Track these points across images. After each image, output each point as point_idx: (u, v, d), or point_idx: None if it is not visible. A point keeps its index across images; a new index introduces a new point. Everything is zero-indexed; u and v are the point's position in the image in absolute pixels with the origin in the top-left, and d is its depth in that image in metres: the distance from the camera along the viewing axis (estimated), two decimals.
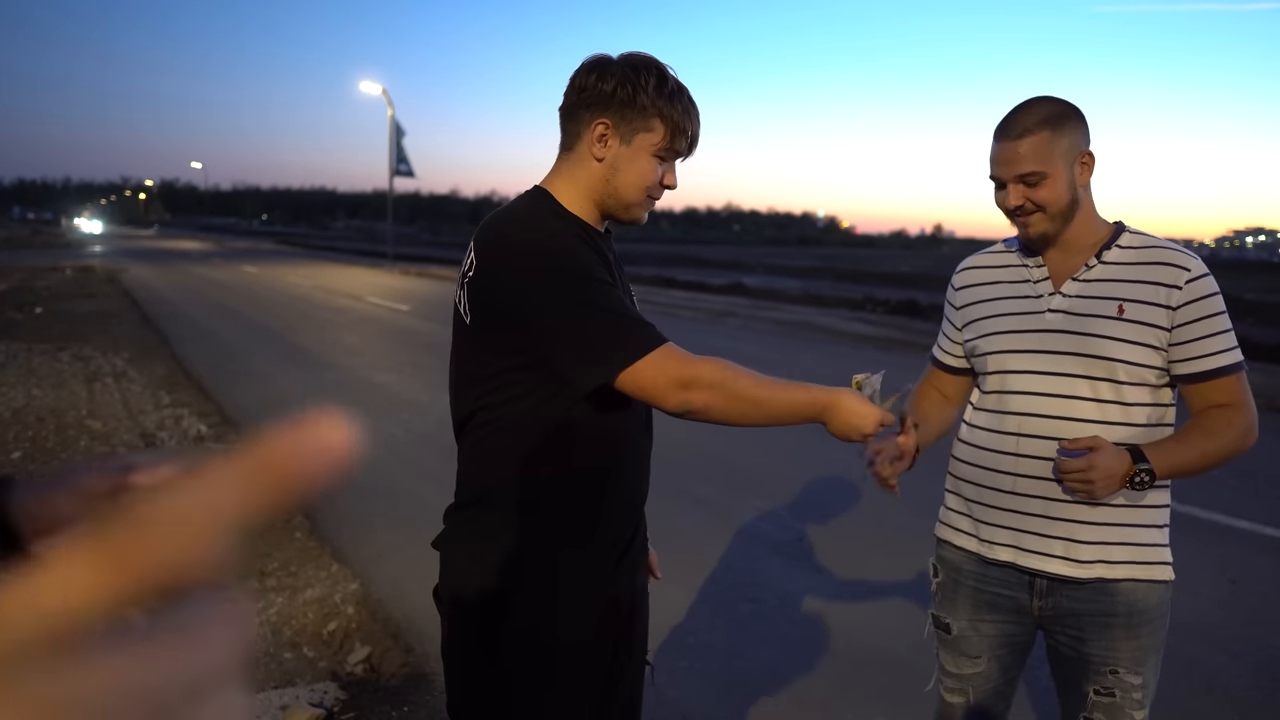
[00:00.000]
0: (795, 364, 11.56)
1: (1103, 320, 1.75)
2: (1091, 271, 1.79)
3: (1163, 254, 1.75)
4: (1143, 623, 1.78)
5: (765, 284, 26.03)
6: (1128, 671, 1.78)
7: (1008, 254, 1.93)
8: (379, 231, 51.48)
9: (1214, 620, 3.90)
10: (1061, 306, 1.79)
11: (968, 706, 1.97)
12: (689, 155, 1.68)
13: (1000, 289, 1.90)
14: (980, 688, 1.95)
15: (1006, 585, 1.87)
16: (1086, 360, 1.75)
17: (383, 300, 17.81)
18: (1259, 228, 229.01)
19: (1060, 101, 1.75)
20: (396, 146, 29.14)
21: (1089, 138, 1.77)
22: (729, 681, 3.29)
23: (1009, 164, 1.74)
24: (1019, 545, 1.83)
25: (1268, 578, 4.42)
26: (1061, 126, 1.72)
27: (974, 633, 1.93)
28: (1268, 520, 5.23)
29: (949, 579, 1.97)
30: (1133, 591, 1.77)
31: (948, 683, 1.99)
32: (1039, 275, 1.84)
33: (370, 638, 3.46)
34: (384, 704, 3.05)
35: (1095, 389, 1.75)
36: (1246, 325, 17.96)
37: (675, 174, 1.67)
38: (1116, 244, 1.79)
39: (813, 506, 5.38)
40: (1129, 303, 1.74)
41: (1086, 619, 1.79)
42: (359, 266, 31.09)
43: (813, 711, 3.10)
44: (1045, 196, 1.73)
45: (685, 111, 1.61)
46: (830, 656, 3.48)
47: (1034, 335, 1.81)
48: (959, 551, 1.95)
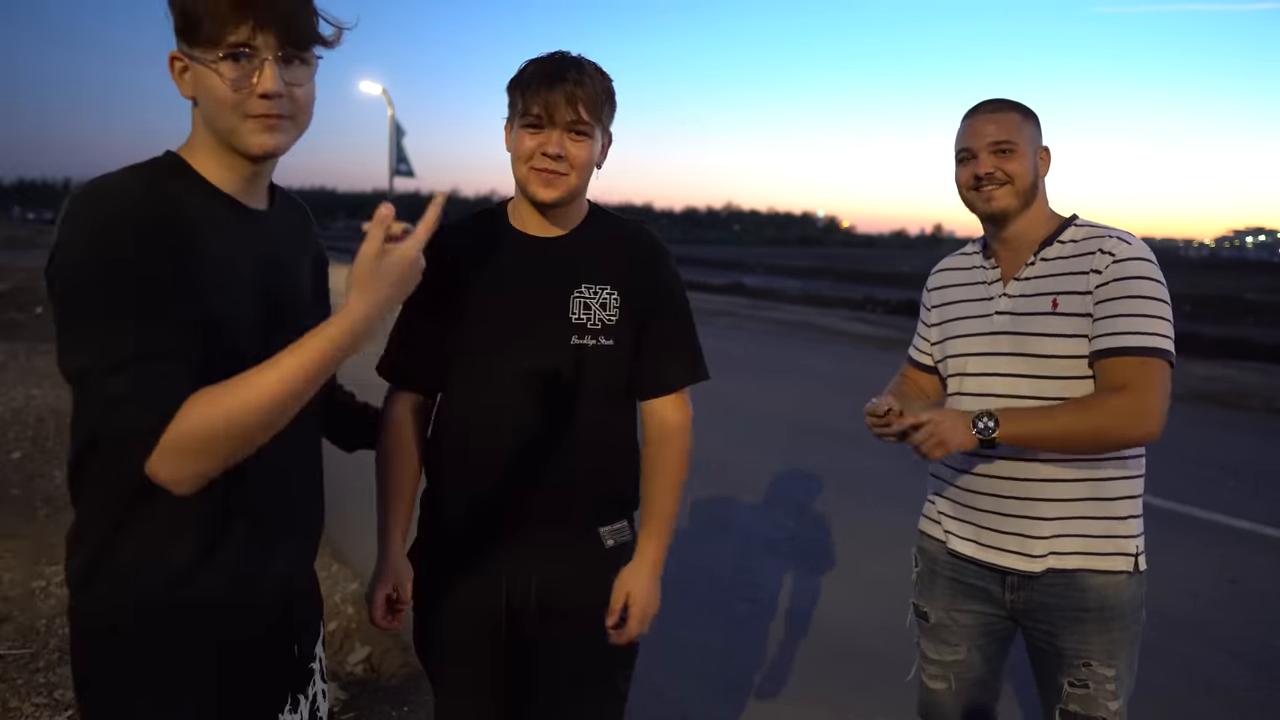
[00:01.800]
0: (795, 364, 11.56)
1: (1039, 318, 1.78)
2: (1032, 269, 1.83)
3: (1097, 242, 1.77)
4: (1114, 616, 1.79)
5: (765, 284, 26.04)
6: (1100, 664, 1.79)
7: (973, 255, 1.98)
8: None
9: (1214, 620, 3.90)
10: (1006, 307, 1.84)
11: (951, 694, 1.99)
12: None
13: (963, 291, 1.95)
14: (962, 676, 1.97)
15: (980, 577, 1.89)
16: (1027, 360, 1.78)
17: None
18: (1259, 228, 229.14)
19: (1026, 104, 1.86)
20: (396, 146, 29.14)
21: (1043, 140, 1.87)
22: (728, 681, 3.29)
23: (981, 135, 1.82)
24: (978, 540, 1.88)
25: (1268, 578, 4.41)
26: (1028, 118, 1.84)
27: (952, 621, 1.96)
28: (1268, 520, 5.22)
29: (927, 568, 2.02)
30: (1103, 586, 1.78)
31: (930, 670, 2.02)
32: (992, 276, 1.89)
33: (370, 638, 3.46)
34: (384, 704, 3.06)
35: (1038, 387, 1.77)
36: (1247, 325, 17.96)
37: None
38: (1058, 239, 1.82)
39: (808, 506, 5.38)
40: (1062, 295, 1.76)
41: (1057, 613, 1.81)
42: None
43: (812, 710, 3.11)
44: (1014, 168, 1.79)
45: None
46: (829, 655, 3.49)
47: (984, 338, 1.86)
48: (934, 542, 2.00)
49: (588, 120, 1.59)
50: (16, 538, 4.33)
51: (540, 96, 1.58)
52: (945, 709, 2.01)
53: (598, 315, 1.67)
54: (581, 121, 1.59)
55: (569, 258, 1.69)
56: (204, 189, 1.22)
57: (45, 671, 3.08)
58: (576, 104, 1.58)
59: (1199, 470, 6.31)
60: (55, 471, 5.44)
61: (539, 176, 1.61)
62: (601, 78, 1.63)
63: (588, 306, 1.67)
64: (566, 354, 1.66)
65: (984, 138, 1.81)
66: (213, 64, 1.15)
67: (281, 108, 1.18)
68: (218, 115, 1.17)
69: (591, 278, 1.68)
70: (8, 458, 5.76)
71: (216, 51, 1.14)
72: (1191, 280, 34.77)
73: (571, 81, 1.58)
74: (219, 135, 1.20)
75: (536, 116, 1.59)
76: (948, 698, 2.00)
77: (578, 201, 1.70)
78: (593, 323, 1.67)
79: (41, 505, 4.84)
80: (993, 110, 1.84)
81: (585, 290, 1.68)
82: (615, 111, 1.69)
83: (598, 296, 1.68)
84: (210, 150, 1.22)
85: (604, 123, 1.64)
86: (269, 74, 1.15)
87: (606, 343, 1.68)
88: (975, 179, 1.82)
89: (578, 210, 1.72)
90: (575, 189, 1.64)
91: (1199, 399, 9.21)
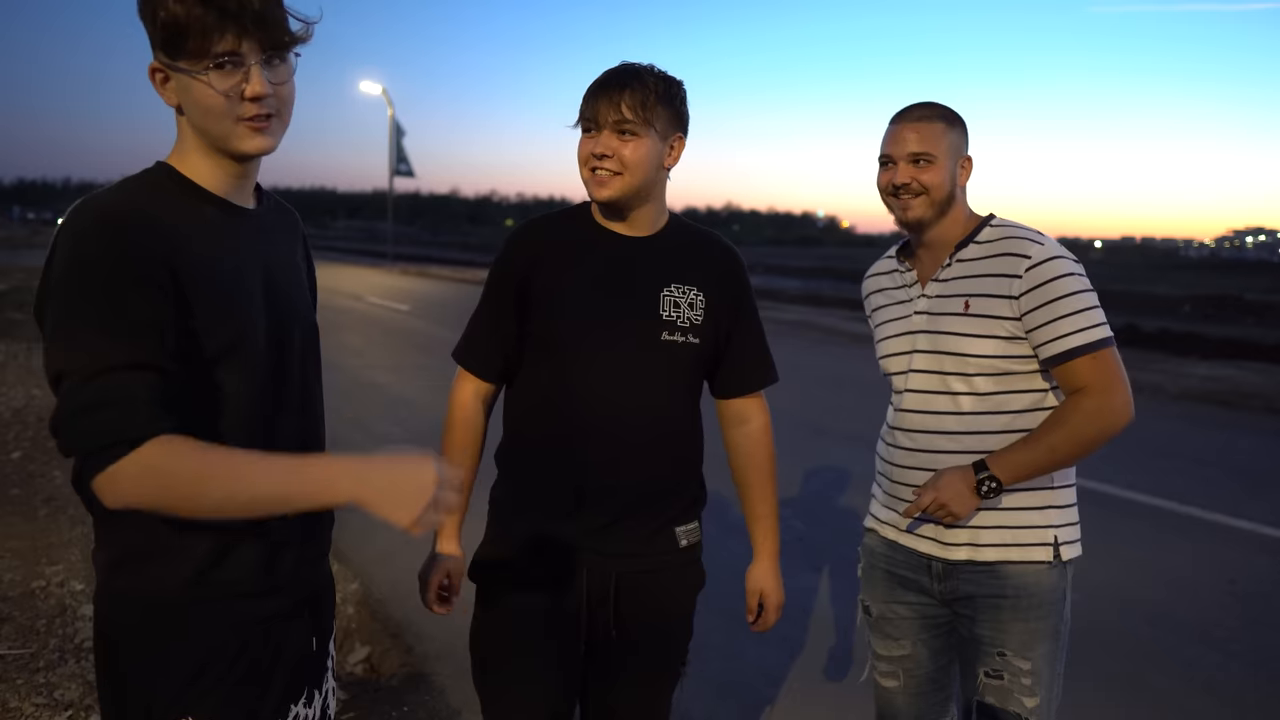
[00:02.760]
0: (795, 364, 11.56)
1: (952, 318, 1.83)
2: (948, 270, 1.87)
3: (1009, 244, 1.81)
4: (1031, 605, 1.81)
5: (765, 284, 26.03)
6: (1015, 655, 1.81)
7: (892, 259, 2.03)
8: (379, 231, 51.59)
9: (1214, 620, 3.90)
10: (924, 308, 1.90)
11: (903, 690, 2.01)
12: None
13: (888, 295, 2.02)
14: (912, 671, 2.00)
15: (910, 567, 1.94)
16: (939, 357, 1.84)
17: (382, 300, 17.81)
18: (1259, 228, 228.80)
19: (951, 108, 1.89)
20: (396, 146, 29.17)
21: (969, 147, 1.90)
22: (729, 682, 3.29)
23: (902, 143, 1.85)
24: (898, 525, 1.95)
25: (1268, 578, 4.42)
26: (953, 124, 1.86)
27: (893, 614, 1.99)
28: (1268, 520, 5.23)
29: (868, 562, 2.06)
30: (1020, 574, 1.81)
31: (880, 666, 2.05)
32: (910, 279, 1.95)
33: (370, 638, 3.47)
34: (384, 704, 3.06)
35: (947, 383, 1.84)
36: (1247, 326, 17.96)
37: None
38: (974, 240, 1.86)
39: (811, 506, 5.38)
40: (974, 298, 1.81)
41: (979, 600, 1.84)
42: (359, 266, 31.12)
43: (813, 711, 3.11)
44: (930, 180, 1.82)
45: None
46: (830, 656, 3.49)
47: (905, 338, 1.92)
48: (872, 534, 2.05)
49: (632, 120, 1.62)
50: (16, 538, 4.33)
51: (590, 101, 1.66)
52: (898, 706, 2.03)
53: (686, 314, 1.73)
54: (626, 121, 1.62)
55: (658, 257, 1.74)
56: (197, 194, 1.24)
57: (45, 671, 3.08)
58: (621, 105, 1.62)
59: (1199, 470, 6.30)
60: (55, 471, 5.45)
61: (593, 177, 1.67)
62: (659, 81, 1.66)
63: (677, 305, 1.73)
64: (656, 350, 1.71)
65: (904, 147, 1.84)
66: (200, 75, 1.16)
67: (269, 106, 1.21)
68: (209, 123, 1.19)
69: (680, 278, 1.74)
70: (8, 458, 5.76)
71: (204, 63, 1.16)
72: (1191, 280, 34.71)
73: (618, 85, 1.64)
74: (210, 140, 1.22)
75: (588, 120, 1.66)
76: (900, 695, 2.02)
77: (653, 205, 1.74)
78: (682, 321, 1.73)
79: (41, 505, 4.84)
80: (916, 119, 1.85)
81: (674, 289, 1.73)
82: (681, 114, 1.71)
83: (686, 296, 1.74)
84: (200, 154, 1.24)
85: (659, 123, 1.66)
86: (256, 78, 1.17)
87: (694, 341, 1.74)
88: (894, 187, 1.85)
89: (658, 214, 1.77)
90: (632, 188, 1.67)
91: (1199, 399, 9.12)
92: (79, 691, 2.96)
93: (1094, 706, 3.11)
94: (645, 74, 1.66)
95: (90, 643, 3.23)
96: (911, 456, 1.89)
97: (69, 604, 3.59)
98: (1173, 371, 10.74)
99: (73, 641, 3.29)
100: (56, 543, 4.28)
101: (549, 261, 1.73)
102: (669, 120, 1.68)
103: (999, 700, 1.82)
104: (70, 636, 3.33)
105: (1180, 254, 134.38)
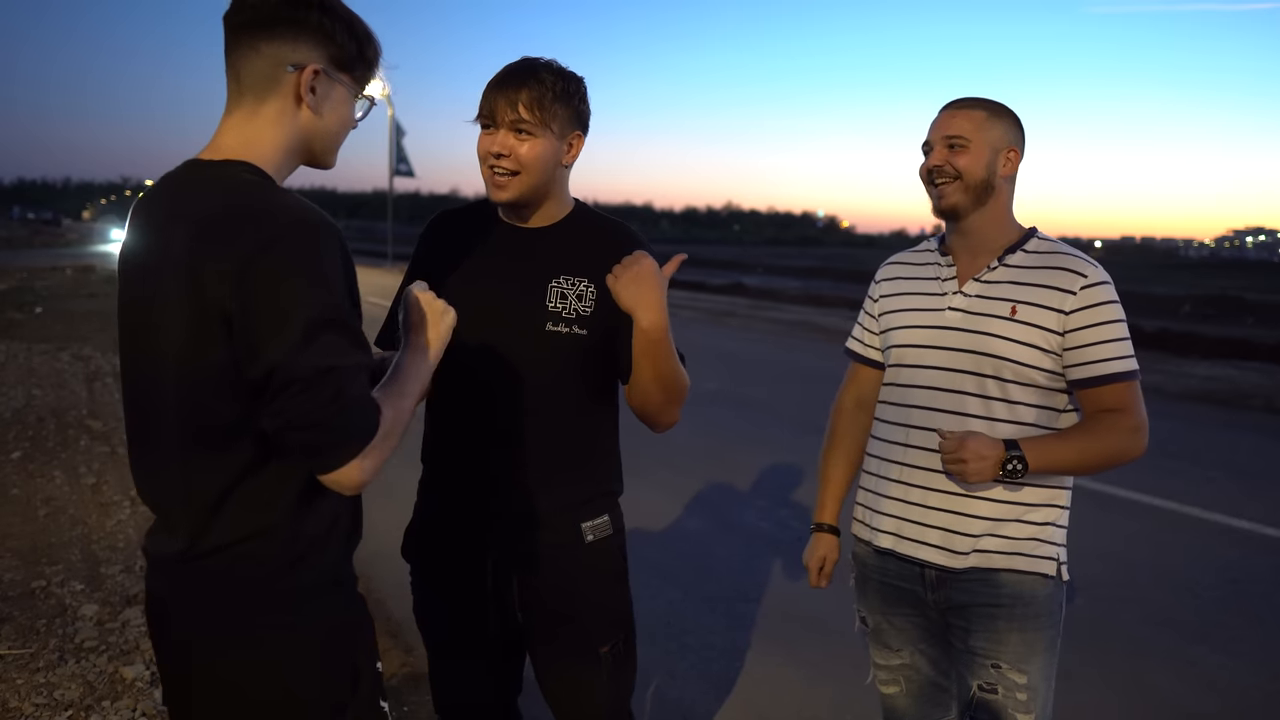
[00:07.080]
0: (795, 364, 11.56)
1: (995, 320, 1.80)
2: (993, 273, 1.84)
3: (1063, 260, 1.80)
4: (1028, 615, 1.79)
5: (765, 284, 26.03)
6: (1011, 668, 1.79)
7: (928, 252, 2.00)
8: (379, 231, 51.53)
9: (1214, 620, 3.90)
10: (961, 305, 1.85)
11: (904, 696, 2.01)
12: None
13: (914, 284, 1.97)
14: (912, 679, 1.99)
15: (903, 577, 1.91)
16: (975, 357, 1.81)
17: (383, 300, 17.71)
18: (1259, 228, 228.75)
19: (1002, 102, 1.87)
20: (396, 146, 29.16)
21: (1022, 143, 1.86)
22: (730, 682, 3.29)
23: (940, 128, 1.84)
24: (899, 533, 1.89)
25: (1268, 578, 4.42)
26: (998, 116, 1.83)
27: (888, 625, 1.98)
28: (1268, 520, 5.22)
29: (860, 573, 2.05)
30: (1019, 583, 1.79)
31: (881, 675, 2.04)
32: (948, 274, 1.90)
33: None
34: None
35: (981, 385, 1.80)
36: (1247, 325, 17.95)
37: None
38: (1022, 248, 1.84)
39: (811, 506, 5.37)
40: (1022, 304, 1.78)
41: (973, 609, 1.82)
42: (359, 266, 30.81)
43: (814, 712, 3.11)
44: (964, 164, 1.79)
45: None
46: (830, 656, 3.49)
47: (933, 331, 1.88)
48: (862, 545, 2.03)
49: (529, 119, 1.61)
50: (16, 538, 4.33)
51: (488, 98, 1.65)
52: (902, 711, 2.03)
53: (574, 305, 1.71)
54: (523, 121, 1.61)
55: (549, 249, 1.74)
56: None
57: (45, 671, 3.08)
58: (518, 104, 1.61)
59: (1199, 470, 6.30)
60: (55, 472, 5.45)
61: (492, 178, 1.66)
62: (557, 79, 1.65)
63: (564, 296, 1.71)
64: (541, 341, 1.69)
65: (940, 130, 1.83)
66: (356, 95, 1.35)
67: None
68: (334, 135, 1.35)
69: (571, 269, 1.72)
70: (8, 458, 5.76)
71: (359, 86, 1.35)
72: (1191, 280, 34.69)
73: (516, 82, 1.63)
74: (312, 147, 1.34)
75: (485, 116, 1.66)
76: (903, 700, 2.02)
77: (553, 199, 1.74)
78: (568, 312, 1.70)
79: (41, 505, 4.84)
80: (958, 106, 1.85)
81: (563, 281, 1.71)
82: (580, 113, 1.70)
83: (575, 288, 1.71)
84: (287, 157, 1.32)
85: (556, 123, 1.64)
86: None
87: (580, 332, 1.70)
88: (929, 172, 1.84)
89: (559, 207, 1.76)
90: (529, 188, 1.67)
91: (1199, 399, 9.12)
92: (79, 691, 2.96)
93: (1094, 706, 3.11)
94: (544, 72, 1.64)
95: (90, 643, 3.25)
96: (921, 455, 1.84)
97: (69, 604, 3.59)
98: (1173, 371, 10.73)
99: (73, 641, 3.29)
100: (56, 543, 4.28)
101: (450, 253, 1.77)
102: (567, 119, 1.66)
103: (992, 716, 1.80)
104: (70, 636, 3.32)
105: (1180, 254, 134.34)
